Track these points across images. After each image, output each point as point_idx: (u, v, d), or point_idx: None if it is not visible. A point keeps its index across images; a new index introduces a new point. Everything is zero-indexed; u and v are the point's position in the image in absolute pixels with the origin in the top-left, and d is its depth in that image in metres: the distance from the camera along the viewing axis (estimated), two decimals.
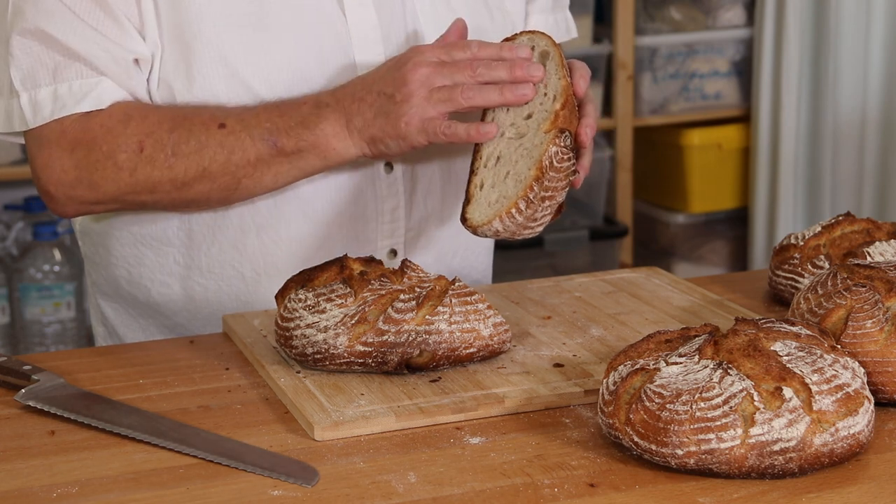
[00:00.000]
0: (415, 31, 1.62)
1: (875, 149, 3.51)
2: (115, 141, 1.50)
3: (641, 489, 1.12)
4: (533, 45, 1.49)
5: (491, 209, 1.40)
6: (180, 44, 1.53)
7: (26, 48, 1.51)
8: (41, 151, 1.53)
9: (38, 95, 1.52)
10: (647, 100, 3.56)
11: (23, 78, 1.52)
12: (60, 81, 1.51)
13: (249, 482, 1.15)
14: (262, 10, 1.55)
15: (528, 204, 1.39)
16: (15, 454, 1.22)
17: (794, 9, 3.47)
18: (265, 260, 1.62)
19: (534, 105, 1.45)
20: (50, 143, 1.53)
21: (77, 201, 1.54)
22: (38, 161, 1.54)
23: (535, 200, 1.39)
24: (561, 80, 1.44)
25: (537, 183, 1.39)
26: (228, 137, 1.49)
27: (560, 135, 1.41)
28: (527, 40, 1.50)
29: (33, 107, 1.52)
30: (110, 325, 1.72)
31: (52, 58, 1.51)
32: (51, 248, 3.14)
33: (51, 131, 1.52)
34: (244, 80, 1.54)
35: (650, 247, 3.76)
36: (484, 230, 1.41)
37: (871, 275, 1.32)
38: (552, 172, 1.40)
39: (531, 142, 1.42)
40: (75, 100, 1.51)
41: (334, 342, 1.34)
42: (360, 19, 1.59)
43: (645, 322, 1.52)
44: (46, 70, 1.51)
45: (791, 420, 1.12)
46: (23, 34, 1.51)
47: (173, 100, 1.54)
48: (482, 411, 1.28)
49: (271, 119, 1.49)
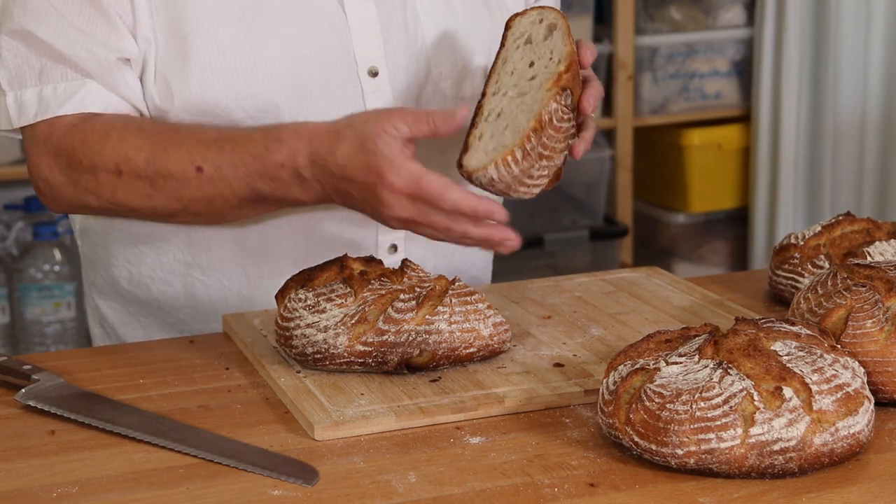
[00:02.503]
0: (414, 27, 1.62)
1: (875, 149, 3.51)
2: (92, 157, 1.50)
3: (641, 489, 1.12)
4: (542, 18, 1.49)
5: (487, 157, 1.39)
6: (177, 39, 1.53)
7: (13, 48, 1.52)
8: (32, 150, 1.55)
9: (24, 96, 1.52)
10: (648, 100, 3.56)
11: (10, 78, 1.53)
12: (46, 83, 1.52)
13: (249, 482, 1.15)
14: (260, 4, 1.55)
15: (524, 154, 1.38)
16: (15, 454, 1.22)
17: (794, 9, 3.47)
18: (267, 255, 1.62)
19: (538, 68, 1.44)
20: (39, 143, 1.53)
21: (63, 200, 1.55)
22: (30, 158, 1.55)
23: (532, 154, 1.38)
24: (566, 46, 1.44)
25: (535, 134, 1.38)
26: (206, 183, 1.48)
27: (561, 92, 1.40)
28: (536, 14, 1.50)
29: (19, 107, 1.53)
30: (109, 325, 1.71)
31: (38, 59, 1.52)
32: (51, 248, 3.14)
33: (40, 132, 1.53)
34: (242, 75, 1.53)
35: (650, 247, 3.75)
36: (479, 175, 1.38)
37: (871, 275, 1.32)
38: (551, 130, 1.39)
39: (532, 98, 1.41)
40: (59, 102, 1.52)
41: (334, 342, 1.34)
42: (360, 14, 1.59)
43: (645, 322, 1.52)
44: (33, 71, 1.52)
45: (791, 420, 1.12)
46: (10, 34, 1.52)
47: (170, 94, 1.53)
48: (482, 411, 1.28)
49: (249, 174, 1.46)
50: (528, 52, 1.47)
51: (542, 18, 1.49)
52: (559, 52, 1.44)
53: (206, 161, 1.47)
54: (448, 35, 1.64)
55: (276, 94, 1.55)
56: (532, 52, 1.47)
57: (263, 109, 1.55)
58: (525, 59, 1.47)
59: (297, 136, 1.44)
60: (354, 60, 1.58)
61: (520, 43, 1.49)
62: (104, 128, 1.51)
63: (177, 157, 1.48)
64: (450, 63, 1.64)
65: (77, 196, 1.53)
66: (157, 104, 1.55)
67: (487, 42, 1.67)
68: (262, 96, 1.54)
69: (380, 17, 1.59)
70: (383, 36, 1.60)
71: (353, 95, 1.59)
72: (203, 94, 1.53)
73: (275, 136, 1.45)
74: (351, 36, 1.58)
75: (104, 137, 1.50)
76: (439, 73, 1.64)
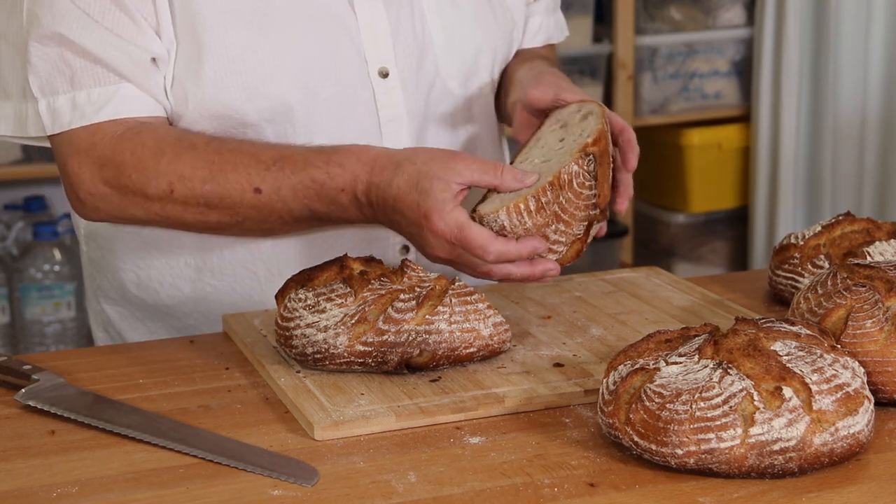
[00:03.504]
0: (422, 27, 1.62)
1: (875, 149, 3.51)
2: (144, 173, 1.49)
3: (641, 489, 1.12)
4: (580, 108, 1.53)
5: (501, 203, 1.42)
6: (192, 41, 1.52)
7: (43, 54, 1.50)
8: (71, 158, 1.52)
9: (56, 103, 1.50)
10: (647, 100, 3.56)
11: (41, 84, 1.50)
12: (79, 89, 1.50)
13: (249, 482, 1.15)
14: (270, 7, 1.54)
15: (538, 207, 1.39)
16: (15, 454, 1.22)
17: (794, 9, 3.47)
18: (278, 259, 1.62)
19: (567, 141, 1.47)
20: (79, 152, 1.51)
21: (106, 212, 1.54)
22: (68, 167, 1.53)
23: (547, 209, 1.40)
24: (599, 125, 1.47)
25: (551, 189, 1.40)
26: (264, 203, 1.49)
27: (584, 157, 1.42)
28: (576, 106, 1.54)
29: (51, 114, 1.51)
30: (114, 329, 1.71)
31: (69, 63, 1.49)
32: (51, 248, 3.14)
33: (81, 140, 1.51)
34: (255, 77, 1.53)
35: (650, 247, 3.75)
36: (489, 220, 1.41)
37: (871, 275, 1.32)
38: (570, 193, 1.41)
39: (556, 162, 1.44)
40: (94, 108, 1.50)
41: (334, 342, 1.34)
42: (370, 15, 1.59)
43: (645, 322, 1.52)
44: (64, 77, 1.50)
45: (791, 420, 1.12)
46: (40, 40, 1.49)
47: (185, 97, 1.53)
48: (482, 411, 1.28)
49: (309, 196, 1.47)
50: (561, 132, 1.51)
51: (580, 108, 1.53)
52: (590, 129, 1.47)
53: (265, 182, 1.48)
54: (454, 34, 1.64)
55: (289, 96, 1.55)
56: (565, 132, 1.50)
57: (278, 111, 1.55)
58: (556, 136, 1.51)
59: (360, 162, 1.46)
60: (365, 61, 1.58)
61: (555, 127, 1.53)
62: (156, 143, 1.50)
63: (234, 178, 1.48)
64: (457, 62, 1.65)
65: (122, 208, 1.52)
66: (173, 107, 1.54)
67: (492, 40, 1.68)
68: (276, 98, 1.54)
69: (389, 18, 1.60)
70: (392, 37, 1.60)
71: (365, 97, 1.59)
72: (217, 97, 1.53)
73: (337, 161, 1.47)
74: (361, 37, 1.58)
75: (157, 154, 1.49)
76: (447, 72, 1.64)
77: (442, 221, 1.40)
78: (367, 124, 1.59)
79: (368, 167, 1.45)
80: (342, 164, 1.46)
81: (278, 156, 1.49)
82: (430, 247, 1.43)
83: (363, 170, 1.46)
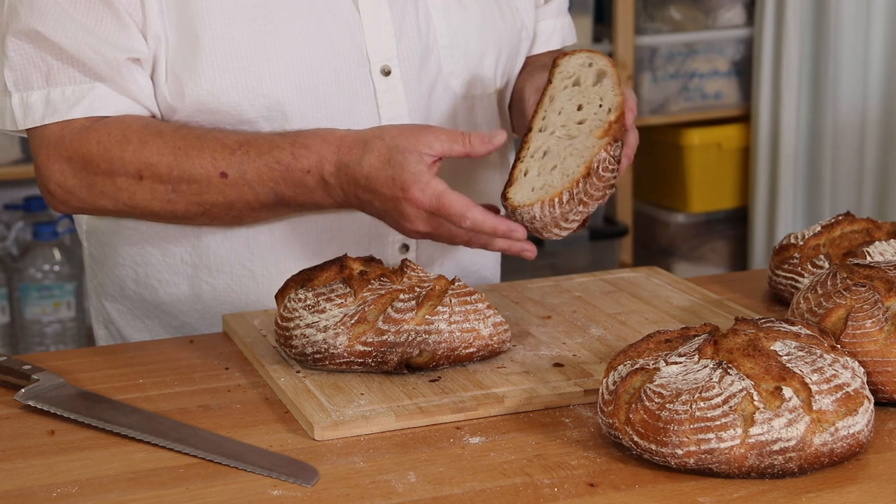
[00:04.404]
0: (427, 26, 1.62)
1: (875, 149, 3.51)
2: (112, 162, 1.50)
3: (641, 489, 1.12)
4: (591, 62, 1.52)
5: (534, 194, 1.43)
6: (189, 37, 1.52)
7: (20, 49, 1.51)
8: (41, 151, 1.54)
9: (30, 98, 1.51)
10: (647, 99, 3.56)
11: (15, 79, 1.52)
12: (53, 85, 1.51)
13: (249, 482, 1.15)
14: (272, 3, 1.54)
15: (570, 198, 1.41)
16: (15, 454, 1.22)
17: (794, 9, 3.47)
18: (276, 256, 1.62)
19: (587, 113, 1.48)
20: (49, 145, 1.52)
21: (75, 204, 1.55)
22: (39, 159, 1.54)
23: (575, 199, 1.42)
24: (617, 96, 1.48)
25: (584, 180, 1.42)
26: (230, 187, 1.49)
27: (613, 143, 1.44)
28: (585, 57, 1.53)
29: (24, 109, 1.52)
30: (115, 327, 1.71)
31: (45, 60, 1.51)
32: (51, 248, 3.14)
33: (51, 133, 1.52)
34: (253, 74, 1.53)
35: (650, 247, 3.75)
36: (522, 212, 1.42)
37: (870, 275, 1.32)
38: (596, 179, 1.42)
39: (582, 143, 1.45)
40: (68, 105, 1.51)
41: (334, 342, 1.34)
42: (373, 13, 1.59)
43: (645, 322, 1.52)
44: (39, 72, 1.51)
45: (791, 420, 1.12)
46: (17, 35, 1.51)
47: (181, 93, 1.53)
48: (482, 411, 1.28)
49: (274, 179, 1.48)
50: (576, 95, 1.51)
51: (591, 62, 1.53)
52: (609, 100, 1.48)
53: (231, 166, 1.48)
54: (459, 34, 1.64)
55: (288, 93, 1.54)
56: (581, 96, 1.50)
57: (275, 108, 1.54)
58: (573, 100, 1.50)
59: (325, 143, 1.46)
60: (367, 59, 1.58)
61: (567, 84, 1.53)
62: (122, 131, 1.51)
63: (199, 163, 1.49)
64: (461, 62, 1.65)
65: (91, 199, 1.53)
66: (169, 102, 1.54)
67: (498, 41, 1.68)
68: (274, 94, 1.54)
69: (393, 16, 1.59)
70: (396, 35, 1.60)
71: (365, 94, 1.59)
72: (214, 92, 1.53)
73: (301, 142, 1.47)
74: (364, 35, 1.58)
75: (123, 142, 1.50)
76: (450, 71, 1.64)
77: (421, 192, 1.41)
78: (367, 122, 1.58)
79: (335, 147, 1.46)
80: (307, 145, 1.47)
81: (244, 140, 1.50)
82: (408, 221, 1.43)
83: (330, 150, 1.46)
